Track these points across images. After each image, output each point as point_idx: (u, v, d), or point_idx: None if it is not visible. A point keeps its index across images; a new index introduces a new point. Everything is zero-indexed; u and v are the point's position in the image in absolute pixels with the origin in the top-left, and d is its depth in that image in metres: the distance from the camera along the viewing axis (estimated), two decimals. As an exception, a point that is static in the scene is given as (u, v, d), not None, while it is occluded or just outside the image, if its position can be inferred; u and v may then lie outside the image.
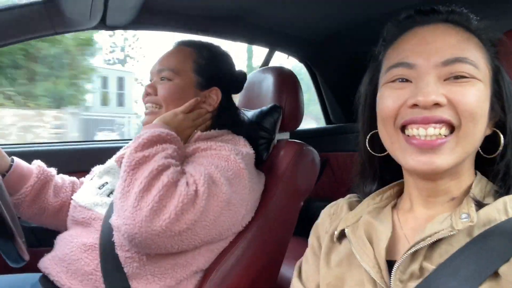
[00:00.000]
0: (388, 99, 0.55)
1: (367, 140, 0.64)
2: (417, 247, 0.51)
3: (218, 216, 0.86)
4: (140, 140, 0.86)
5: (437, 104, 0.51)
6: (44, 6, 1.11)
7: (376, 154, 0.64)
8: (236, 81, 1.14)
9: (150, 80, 1.06)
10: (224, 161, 0.91)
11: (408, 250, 0.52)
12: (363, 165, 0.68)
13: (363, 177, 0.68)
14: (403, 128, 0.55)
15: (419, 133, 0.52)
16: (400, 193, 0.65)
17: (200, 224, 0.83)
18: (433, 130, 0.51)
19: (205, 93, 1.04)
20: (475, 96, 0.51)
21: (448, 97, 0.51)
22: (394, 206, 0.64)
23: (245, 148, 0.99)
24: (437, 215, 0.55)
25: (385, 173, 0.67)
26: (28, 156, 1.11)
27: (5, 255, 0.75)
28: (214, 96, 1.05)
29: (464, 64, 0.52)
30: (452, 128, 0.52)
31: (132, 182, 0.81)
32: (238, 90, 1.17)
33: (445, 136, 0.52)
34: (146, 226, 0.77)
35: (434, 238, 0.50)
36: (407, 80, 0.55)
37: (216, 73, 1.06)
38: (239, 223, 0.95)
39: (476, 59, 0.53)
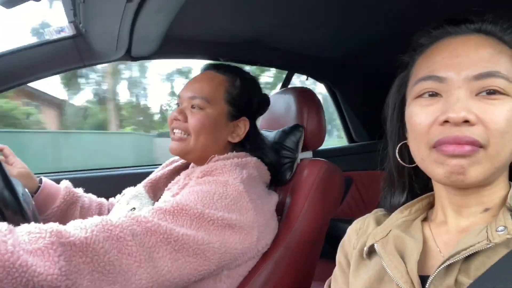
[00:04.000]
0: (419, 116, 0.54)
1: (397, 151, 0.63)
2: (451, 260, 0.49)
3: (224, 238, 0.82)
4: None
5: (467, 121, 0.49)
6: (74, 41, 1.18)
7: (406, 165, 0.63)
8: (265, 106, 1.13)
9: (178, 104, 1.04)
10: (222, 186, 0.87)
11: (442, 264, 0.50)
12: (392, 176, 0.66)
13: (391, 189, 0.67)
14: (435, 146, 0.53)
15: (450, 150, 0.50)
16: (429, 206, 0.64)
17: (208, 247, 0.79)
18: (466, 148, 0.50)
19: (234, 123, 1.03)
20: (507, 115, 0.49)
21: (478, 115, 0.49)
22: (424, 219, 0.62)
23: (252, 169, 0.98)
24: (471, 227, 0.53)
25: (414, 185, 0.65)
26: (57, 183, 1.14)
27: None
28: (243, 126, 1.04)
29: (497, 79, 0.50)
30: (480, 146, 0.50)
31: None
32: (261, 114, 1.16)
33: (477, 146, 0.50)
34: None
35: (469, 252, 0.48)
36: (436, 95, 0.53)
37: (248, 103, 1.05)
38: (254, 246, 0.90)
39: (509, 73, 0.51)
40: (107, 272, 0.66)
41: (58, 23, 1.17)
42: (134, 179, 1.23)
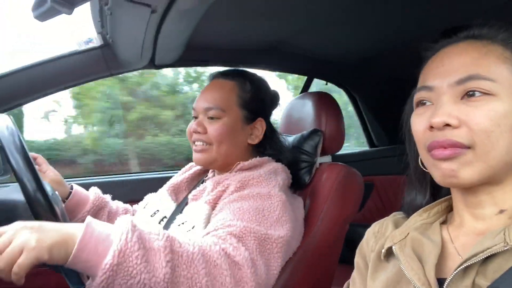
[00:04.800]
0: (416, 124, 0.58)
1: (420, 159, 0.64)
2: (469, 263, 0.49)
3: (283, 259, 0.87)
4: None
5: (449, 125, 0.52)
6: (101, 51, 1.23)
7: (426, 171, 0.64)
8: (276, 104, 1.15)
9: (195, 117, 1.07)
10: (267, 199, 0.89)
11: (459, 267, 0.50)
12: (414, 180, 0.68)
13: (414, 193, 0.68)
14: (428, 150, 0.56)
15: (437, 154, 0.53)
16: (449, 208, 0.64)
17: (271, 275, 0.84)
18: (450, 151, 0.52)
19: (251, 126, 1.06)
20: (489, 115, 0.51)
21: (460, 118, 0.52)
22: (443, 222, 0.62)
23: (283, 174, 1.00)
24: (488, 229, 0.54)
25: (438, 189, 0.66)
26: (84, 188, 1.20)
27: (68, 278, 0.80)
28: (260, 127, 1.06)
29: (478, 81, 0.52)
30: (466, 147, 0.52)
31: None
32: (274, 109, 1.17)
33: (459, 147, 0.51)
34: None
35: (486, 254, 0.49)
36: (429, 102, 0.57)
37: (260, 104, 1.07)
38: (289, 254, 0.95)
39: (494, 73, 0.52)
40: None
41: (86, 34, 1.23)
42: (153, 184, 1.27)
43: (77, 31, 1.35)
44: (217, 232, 0.80)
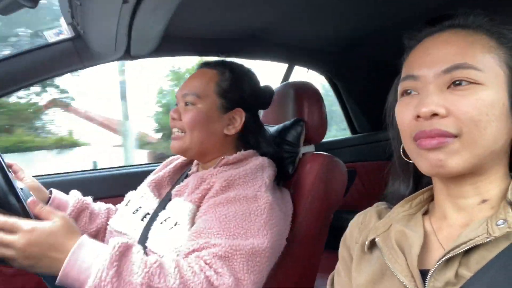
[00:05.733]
0: (401, 114, 0.57)
1: (401, 149, 0.64)
2: (452, 254, 0.49)
3: (269, 265, 0.87)
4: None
5: (437, 115, 0.51)
6: (72, 43, 1.18)
7: (409, 161, 0.63)
8: (262, 97, 1.12)
9: (176, 104, 1.07)
10: (253, 202, 0.88)
11: (442, 258, 0.50)
12: (397, 170, 0.67)
13: (397, 183, 0.68)
14: (415, 140, 0.55)
15: (425, 144, 0.53)
16: (431, 198, 0.64)
17: (259, 284, 0.83)
18: (438, 140, 0.51)
19: (228, 115, 1.03)
20: (476, 104, 0.50)
21: (447, 107, 0.51)
22: (425, 213, 0.62)
23: (269, 170, 0.99)
24: (471, 220, 0.54)
25: (420, 179, 0.66)
26: (64, 185, 1.16)
27: (45, 279, 0.78)
28: (238, 118, 1.04)
29: (464, 70, 0.51)
30: (453, 136, 0.51)
31: None
32: (265, 106, 1.15)
33: (447, 137, 0.51)
34: None
35: (469, 245, 0.49)
36: (414, 92, 0.56)
37: (239, 94, 1.05)
38: (279, 250, 0.95)
39: (480, 62, 0.52)
40: None
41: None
42: (133, 178, 1.24)
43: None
44: (202, 254, 0.78)
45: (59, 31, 1.14)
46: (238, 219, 0.84)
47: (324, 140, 1.25)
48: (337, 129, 2.75)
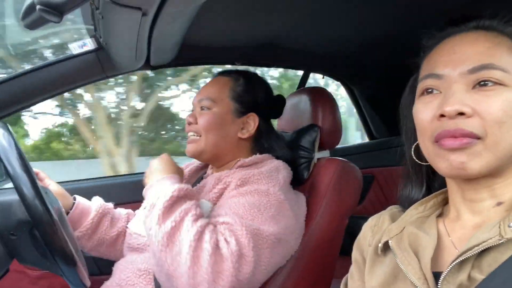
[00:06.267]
0: (421, 113, 0.56)
1: (412, 150, 0.64)
2: (464, 256, 0.49)
3: (272, 257, 0.87)
4: (157, 210, 0.82)
5: (462, 114, 0.50)
6: (96, 54, 1.23)
7: (422, 163, 0.63)
8: (274, 105, 1.15)
9: (192, 111, 1.11)
10: (265, 196, 0.90)
11: (455, 260, 0.50)
12: (409, 173, 0.67)
13: (410, 185, 0.68)
14: (436, 140, 0.54)
15: (448, 144, 0.52)
16: (445, 201, 0.64)
17: (258, 271, 0.84)
18: (462, 140, 0.51)
19: (242, 119, 1.07)
20: (503, 105, 0.50)
21: (473, 107, 0.50)
22: (439, 216, 0.62)
23: (284, 171, 1.00)
24: (485, 222, 0.54)
25: (432, 182, 0.66)
26: (86, 191, 1.21)
27: (69, 281, 0.81)
28: (251, 122, 1.07)
29: (491, 70, 0.51)
30: (477, 137, 0.51)
31: (175, 260, 0.78)
32: (277, 115, 1.19)
33: (471, 137, 0.51)
34: None
35: (481, 247, 0.49)
36: (436, 91, 0.55)
37: (253, 98, 1.08)
38: (290, 253, 0.96)
39: (506, 64, 0.52)
40: None
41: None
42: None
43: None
44: (215, 222, 0.85)
45: (83, 43, 1.19)
46: (247, 206, 0.87)
47: (340, 146, 1.26)
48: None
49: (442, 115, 0.52)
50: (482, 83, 0.51)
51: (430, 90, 0.56)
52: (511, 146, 0.51)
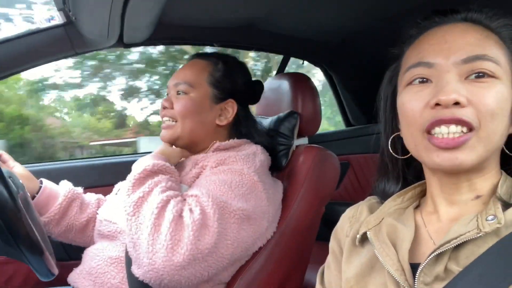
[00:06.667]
0: (411, 103, 0.54)
1: (389, 143, 0.63)
2: (442, 249, 0.50)
3: (239, 232, 0.85)
4: (129, 181, 0.86)
5: (457, 104, 0.50)
6: (64, 29, 1.16)
7: (399, 157, 0.63)
8: (253, 92, 1.12)
9: (167, 94, 1.06)
10: (238, 175, 0.89)
11: (432, 253, 0.50)
12: (386, 166, 0.67)
13: (385, 179, 0.67)
14: (428, 130, 0.53)
15: (441, 131, 0.51)
16: (422, 194, 0.64)
17: (222, 244, 0.81)
18: (455, 128, 0.50)
19: (220, 105, 1.03)
20: (496, 97, 0.50)
21: (468, 98, 0.50)
22: (417, 207, 0.63)
23: (262, 156, 0.99)
24: (462, 215, 0.54)
25: (407, 174, 0.66)
26: (53, 173, 1.15)
27: (36, 270, 0.78)
28: (230, 109, 1.04)
29: (485, 61, 0.51)
30: (471, 128, 0.51)
31: (139, 228, 0.79)
32: (255, 101, 1.16)
33: (466, 133, 0.50)
34: (169, 266, 0.75)
35: (459, 241, 0.49)
36: (427, 80, 0.54)
37: (232, 85, 1.05)
38: (263, 236, 0.94)
39: (497, 57, 0.52)
40: None
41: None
42: (121, 168, 1.23)
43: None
44: (185, 195, 0.87)
45: (50, 17, 1.11)
46: (217, 182, 0.87)
47: (318, 132, 1.25)
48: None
49: (437, 104, 0.51)
50: (477, 74, 0.51)
51: (420, 79, 0.54)
52: (498, 139, 0.52)
